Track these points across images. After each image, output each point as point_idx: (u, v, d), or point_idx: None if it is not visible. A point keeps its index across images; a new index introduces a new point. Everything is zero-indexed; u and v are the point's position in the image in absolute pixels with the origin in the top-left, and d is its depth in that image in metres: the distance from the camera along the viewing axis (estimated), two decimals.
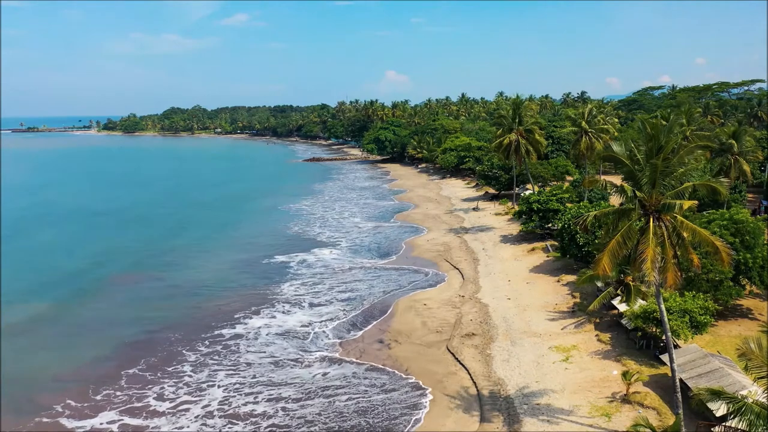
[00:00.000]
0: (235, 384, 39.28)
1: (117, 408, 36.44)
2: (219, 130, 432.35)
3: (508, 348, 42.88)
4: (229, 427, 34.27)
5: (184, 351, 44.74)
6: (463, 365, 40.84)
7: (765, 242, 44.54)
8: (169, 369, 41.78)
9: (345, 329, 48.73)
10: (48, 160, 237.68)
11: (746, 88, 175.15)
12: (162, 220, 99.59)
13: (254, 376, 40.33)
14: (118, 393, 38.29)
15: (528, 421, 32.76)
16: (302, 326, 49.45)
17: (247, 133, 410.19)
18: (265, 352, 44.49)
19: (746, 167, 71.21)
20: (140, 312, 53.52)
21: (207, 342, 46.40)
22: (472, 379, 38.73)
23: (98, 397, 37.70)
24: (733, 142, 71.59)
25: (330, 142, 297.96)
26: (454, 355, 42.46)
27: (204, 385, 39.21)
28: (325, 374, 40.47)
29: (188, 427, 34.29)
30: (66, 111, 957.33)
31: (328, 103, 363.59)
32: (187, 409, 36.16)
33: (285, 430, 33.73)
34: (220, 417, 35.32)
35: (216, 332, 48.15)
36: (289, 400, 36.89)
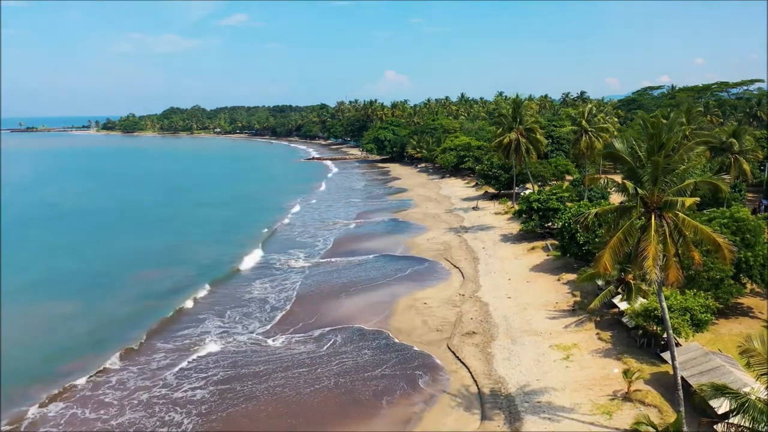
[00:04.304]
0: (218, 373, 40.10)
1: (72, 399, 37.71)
2: (218, 130, 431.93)
3: (508, 346, 42.83)
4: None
5: (159, 344, 46.17)
6: (463, 363, 40.81)
7: (765, 241, 44.54)
8: (141, 359, 43.39)
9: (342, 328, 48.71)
10: (48, 159, 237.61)
11: (745, 88, 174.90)
12: (162, 220, 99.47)
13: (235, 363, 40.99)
14: (82, 384, 39.51)
15: (529, 419, 32.72)
16: (296, 326, 49.50)
17: (246, 133, 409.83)
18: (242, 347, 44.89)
19: (746, 166, 71.24)
20: (135, 309, 54.26)
21: (188, 336, 47.55)
22: (473, 378, 38.70)
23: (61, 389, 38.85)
24: (734, 141, 71.63)
25: (329, 141, 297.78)
26: (454, 354, 42.42)
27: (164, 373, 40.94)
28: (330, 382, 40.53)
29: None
30: (65, 111, 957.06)
31: (327, 103, 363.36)
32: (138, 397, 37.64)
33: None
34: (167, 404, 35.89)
35: (191, 329, 48.91)
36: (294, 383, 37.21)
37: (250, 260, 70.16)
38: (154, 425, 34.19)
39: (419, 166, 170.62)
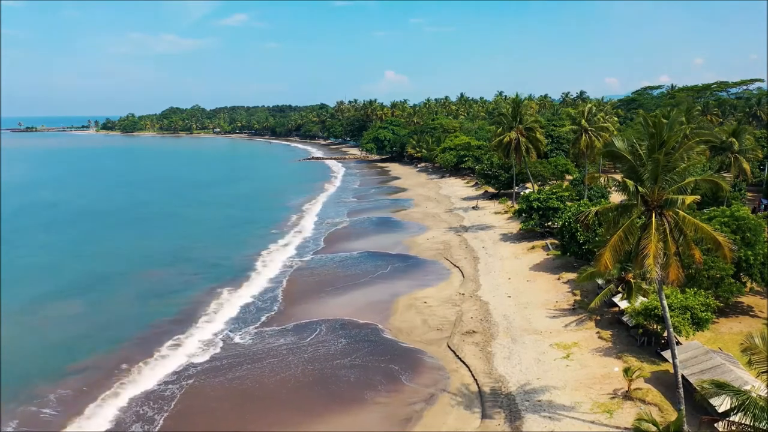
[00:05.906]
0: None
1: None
2: (218, 129, 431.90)
3: (508, 345, 42.81)
4: None
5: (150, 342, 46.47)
6: (464, 362, 40.78)
7: (765, 239, 44.53)
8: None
9: (339, 327, 48.72)
10: (47, 159, 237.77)
11: (745, 87, 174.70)
12: (162, 220, 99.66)
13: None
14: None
15: (530, 418, 32.70)
16: (296, 330, 49.50)
17: (245, 132, 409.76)
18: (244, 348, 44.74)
19: (746, 165, 71.26)
20: (134, 310, 54.44)
21: (193, 334, 47.95)
22: (473, 377, 38.67)
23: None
24: (734, 140, 71.64)
25: (329, 141, 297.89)
26: (454, 353, 42.39)
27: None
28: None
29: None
30: (65, 111, 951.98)
31: (327, 103, 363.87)
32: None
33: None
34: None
35: (183, 329, 49.10)
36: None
37: (260, 264, 69.45)
38: (131, 419, 34.88)
39: (419, 165, 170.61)
